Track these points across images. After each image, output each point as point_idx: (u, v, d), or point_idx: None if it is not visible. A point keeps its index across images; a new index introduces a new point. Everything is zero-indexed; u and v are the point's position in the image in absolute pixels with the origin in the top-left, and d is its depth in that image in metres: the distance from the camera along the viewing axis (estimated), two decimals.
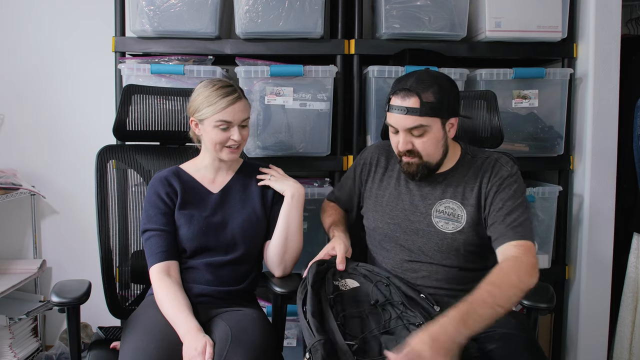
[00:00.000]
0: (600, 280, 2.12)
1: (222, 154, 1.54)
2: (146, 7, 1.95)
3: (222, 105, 1.49)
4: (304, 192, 1.61)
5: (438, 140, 1.44)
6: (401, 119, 1.40)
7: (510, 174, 1.46)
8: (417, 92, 1.38)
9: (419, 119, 1.39)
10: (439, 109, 1.40)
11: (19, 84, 2.39)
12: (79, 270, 2.34)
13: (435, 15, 2.01)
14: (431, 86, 1.39)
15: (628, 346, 2.14)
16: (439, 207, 1.48)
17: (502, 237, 1.37)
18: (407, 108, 1.39)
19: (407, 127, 1.41)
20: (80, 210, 2.41)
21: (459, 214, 1.46)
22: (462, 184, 1.49)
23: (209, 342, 1.32)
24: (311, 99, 1.98)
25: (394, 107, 1.41)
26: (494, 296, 1.22)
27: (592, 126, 2.07)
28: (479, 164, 1.50)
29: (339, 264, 1.45)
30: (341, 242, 1.50)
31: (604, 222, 2.10)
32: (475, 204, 1.46)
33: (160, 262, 1.48)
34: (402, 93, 1.40)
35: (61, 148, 2.41)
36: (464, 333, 1.15)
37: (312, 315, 1.25)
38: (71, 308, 1.40)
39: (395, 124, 1.43)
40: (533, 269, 1.31)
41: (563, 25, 2.05)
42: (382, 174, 1.62)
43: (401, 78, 1.46)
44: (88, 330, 2.40)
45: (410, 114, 1.39)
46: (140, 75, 1.96)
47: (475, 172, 1.49)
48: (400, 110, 1.40)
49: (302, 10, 1.95)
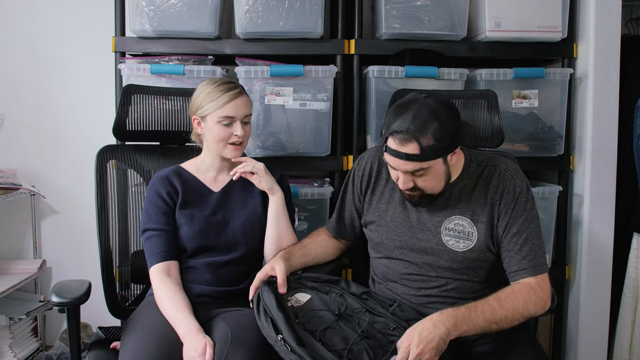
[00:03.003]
0: (600, 280, 2.12)
1: (225, 151, 1.54)
2: (146, 7, 1.95)
3: (224, 100, 1.49)
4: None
5: (440, 175, 1.37)
6: (400, 163, 1.33)
7: (521, 189, 1.40)
8: (415, 138, 1.28)
9: (420, 164, 1.31)
10: (440, 149, 1.31)
11: (19, 84, 2.38)
12: (79, 270, 2.34)
13: (435, 15, 2.01)
14: (430, 126, 1.28)
15: (628, 346, 2.14)
16: (449, 224, 1.43)
17: (521, 272, 1.36)
18: (406, 154, 1.30)
19: (408, 170, 1.33)
20: (80, 210, 2.41)
21: (470, 231, 1.41)
22: (471, 199, 1.43)
23: (209, 342, 1.32)
24: (311, 99, 1.98)
25: (391, 150, 1.32)
26: (494, 313, 1.27)
27: (592, 126, 2.07)
28: (486, 174, 1.44)
29: (280, 288, 1.40)
30: (281, 262, 1.44)
31: (604, 222, 2.10)
32: (487, 222, 1.41)
33: (161, 262, 1.48)
34: (399, 137, 1.29)
35: (61, 148, 2.41)
36: (452, 335, 1.22)
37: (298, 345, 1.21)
38: (71, 308, 1.40)
39: (395, 165, 1.35)
40: (544, 301, 1.34)
41: (563, 25, 2.05)
42: (384, 185, 1.54)
43: (398, 111, 1.33)
44: (88, 330, 2.40)
45: (410, 160, 1.31)
46: (140, 75, 1.96)
47: (484, 185, 1.43)
48: (398, 156, 1.31)
49: (302, 10, 1.95)
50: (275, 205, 1.56)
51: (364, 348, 1.26)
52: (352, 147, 2.08)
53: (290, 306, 1.36)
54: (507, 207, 1.40)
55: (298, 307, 1.37)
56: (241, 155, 1.59)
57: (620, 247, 2.16)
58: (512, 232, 1.38)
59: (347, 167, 2.05)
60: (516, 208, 1.39)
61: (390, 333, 1.33)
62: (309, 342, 1.23)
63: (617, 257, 2.13)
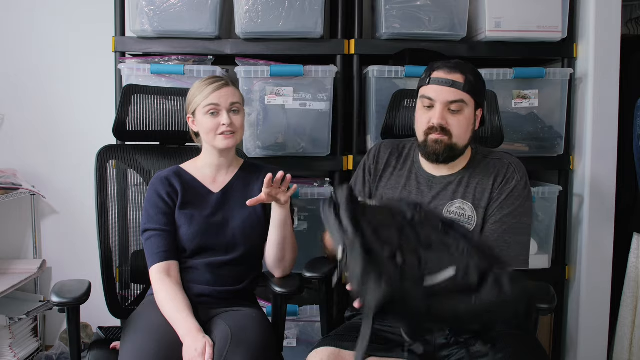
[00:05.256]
0: (600, 280, 2.12)
1: (216, 141, 1.54)
2: (146, 7, 1.95)
3: (208, 91, 1.52)
4: None
5: (469, 123, 1.45)
6: (444, 91, 1.42)
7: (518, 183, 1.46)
8: (460, 70, 1.43)
9: (461, 94, 1.42)
10: (477, 90, 1.45)
11: (19, 84, 2.38)
12: (79, 270, 2.33)
13: (435, 15, 2.01)
14: (471, 70, 1.45)
15: (628, 346, 2.14)
16: (450, 207, 1.48)
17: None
18: (452, 81, 1.41)
19: (448, 100, 1.42)
20: (80, 210, 2.40)
21: (470, 215, 1.47)
22: (473, 184, 1.49)
23: (209, 342, 1.32)
24: (311, 99, 1.98)
25: (436, 79, 1.43)
26: None
27: (592, 126, 2.07)
28: (492, 164, 1.51)
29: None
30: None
31: (604, 222, 2.10)
32: (485, 207, 1.47)
33: (161, 262, 1.48)
34: (446, 68, 1.43)
35: (61, 148, 2.41)
36: None
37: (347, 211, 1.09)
38: (71, 308, 1.40)
39: (436, 95, 1.43)
40: None
41: (563, 25, 2.05)
42: (391, 173, 1.59)
43: (443, 60, 1.48)
44: (88, 330, 2.40)
45: (454, 87, 1.41)
46: (140, 75, 1.96)
47: (487, 172, 1.49)
48: (444, 83, 1.41)
49: (302, 10, 1.95)
50: (286, 211, 1.53)
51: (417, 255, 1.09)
52: (352, 147, 2.08)
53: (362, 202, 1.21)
54: (499, 194, 1.46)
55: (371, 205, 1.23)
56: (235, 146, 1.59)
57: (620, 247, 2.16)
58: (495, 220, 1.44)
59: (347, 167, 2.05)
60: (507, 198, 1.45)
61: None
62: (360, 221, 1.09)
63: (617, 257, 2.13)
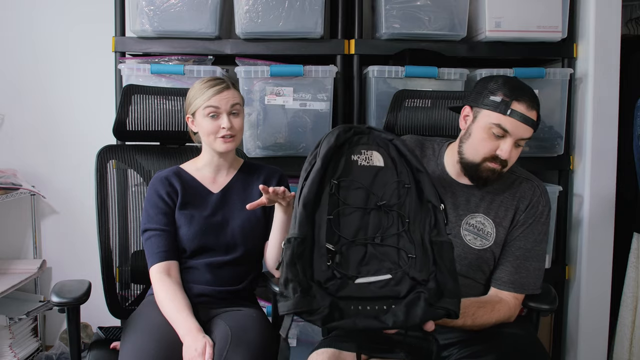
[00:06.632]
0: (600, 280, 2.12)
1: (216, 144, 1.54)
2: (146, 7, 1.95)
3: (209, 94, 1.51)
4: None
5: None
6: (522, 128, 1.36)
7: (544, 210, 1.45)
8: (537, 107, 1.39)
9: (532, 132, 1.39)
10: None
11: (19, 84, 2.38)
12: (79, 270, 2.33)
13: (435, 15, 2.01)
14: (538, 105, 1.40)
15: (628, 346, 2.14)
16: (470, 220, 1.45)
17: (508, 284, 1.43)
18: (532, 120, 1.37)
19: (522, 137, 1.38)
20: (80, 210, 2.41)
21: (489, 231, 1.44)
22: (497, 202, 1.46)
23: (209, 342, 1.32)
24: (311, 99, 1.98)
25: (518, 114, 1.35)
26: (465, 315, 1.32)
27: (592, 126, 2.07)
28: (517, 183, 1.48)
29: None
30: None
31: (604, 222, 2.10)
32: (507, 227, 1.45)
33: (161, 262, 1.48)
34: (527, 102, 1.36)
35: (61, 148, 2.41)
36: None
37: (304, 205, 1.11)
38: (71, 308, 1.40)
39: (513, 130, 1.36)
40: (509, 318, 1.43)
41: (563, 25, 2.05)
42: None
43: (515, 83, 1.40)
44: (88, 330, 2.40)
45: (531, 127, 1.38)
46: (140, 75, 1.96)
47: (513, 193, 1.46)
48: (525, 120, 1.36)
49: (302, 10, 1.95)
50: (288, 212, 1.51)
51: (363, 252, 1.14)
52: None
53: (354, 159, 1.20)
54: (526, 219, 1.44)
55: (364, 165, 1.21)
56: (235, 148, 1.59)
57: (620, 247, 2.16)
58: (519, 245, 1.44)
59: None
60: (533, 224, 1.44)
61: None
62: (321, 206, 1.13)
63: (617, 257, 2.13)
